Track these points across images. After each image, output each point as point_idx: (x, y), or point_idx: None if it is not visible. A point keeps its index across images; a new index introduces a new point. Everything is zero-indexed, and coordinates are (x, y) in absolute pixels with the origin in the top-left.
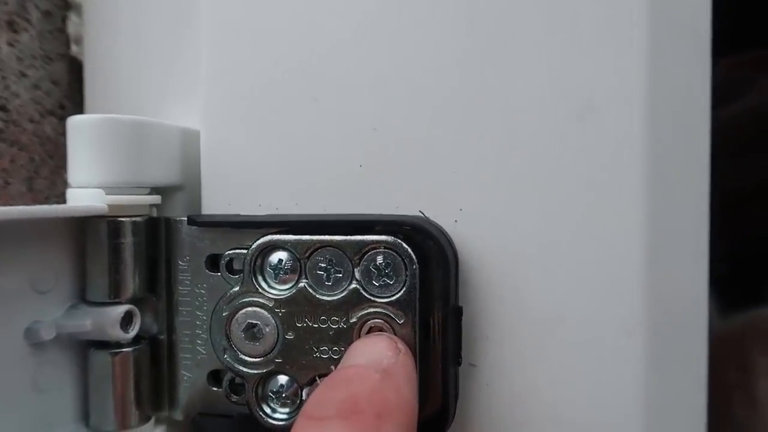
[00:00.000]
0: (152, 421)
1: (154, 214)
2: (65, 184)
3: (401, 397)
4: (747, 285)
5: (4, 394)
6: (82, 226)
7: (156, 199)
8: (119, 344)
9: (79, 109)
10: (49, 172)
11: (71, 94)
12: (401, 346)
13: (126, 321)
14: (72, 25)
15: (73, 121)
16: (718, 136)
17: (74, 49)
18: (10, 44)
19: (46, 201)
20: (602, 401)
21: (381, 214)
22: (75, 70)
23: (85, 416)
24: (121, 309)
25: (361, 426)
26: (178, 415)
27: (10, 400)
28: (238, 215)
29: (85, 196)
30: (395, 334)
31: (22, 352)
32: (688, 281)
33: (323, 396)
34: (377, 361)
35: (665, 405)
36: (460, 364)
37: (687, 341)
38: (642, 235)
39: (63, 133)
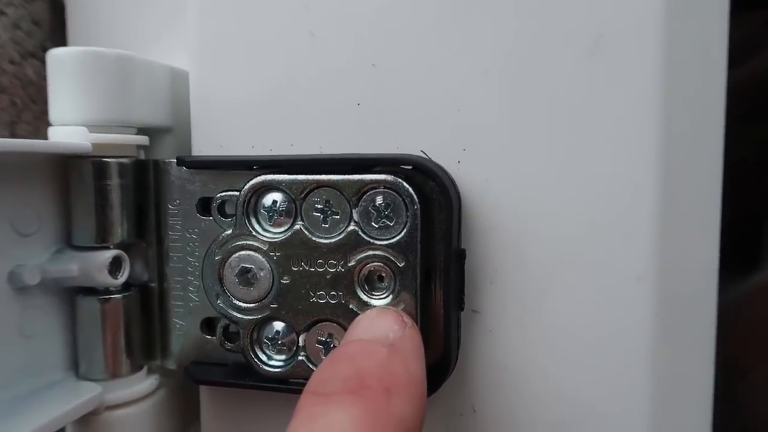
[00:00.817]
0: (144, 370)
1: (142, 156)
2: None
3: (409, 372)
4: (748, 256)
5: None
6: (66, 166)
7: (143, 139)
8: (108, 291)
9: None
10: (32, 118)
11: (54, 37)
12: (407, 319)
13: (114, 266)
14: None
15: (54, 54)
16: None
17: None
18: None
19: None
20: (608, 347)
21: (381, 153)
22: (57, 10)
23: (75, 364)
24: (108, 254)
25: (370, 401)
26: (171, 364)
27: None
28: (228, 156)
29: (67, 133)
30: (395, 278)
31: (6, 297)
32: (700, 226)
33: (328, 372)
34: (383, 335)
35: (673, 352)
36: (462, 309)
37: (697, 288)
38: (654, 177)
39: (46, 77)
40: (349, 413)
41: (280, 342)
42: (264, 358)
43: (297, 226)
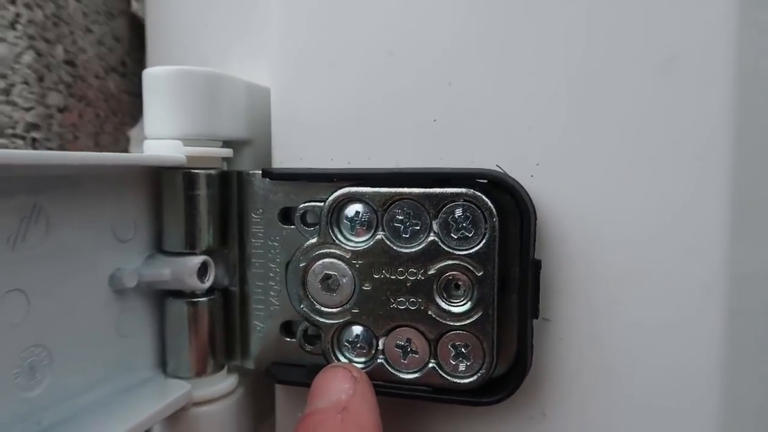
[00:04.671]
0: (225, 369)
1: (225, 167)
2: (127, 141)
3: (362, 428)
4: None
5: (92, 336)
6: (158, 177)
7: (228, 152)
8: (194, 294)
9: (140, 66)
10: (113, 129)
11: (132, 51)
12: (356, 373)
13: (202, 271)
14: None
15: (149, 73)
16: None
17: (134, 5)
18: None
19: None
20: (678, 358)
21: (458, 168)
22: (135, 27)
23: (163, 363)
24: (197, 259)
25: None
26: (250, 364)
27: (97, 343)
28: (313, 168)
29: (163, 147)
30: (473, 287)
31: (107, 298)
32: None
33: None
34: (336, 400)
35: (741, 361)
36: (537, 317)
37: (765, 298)
38: (725, 190)
39: (125, 91)
40: None
41: (359, 345)
42: (344, 360)
43: (379, 236)
